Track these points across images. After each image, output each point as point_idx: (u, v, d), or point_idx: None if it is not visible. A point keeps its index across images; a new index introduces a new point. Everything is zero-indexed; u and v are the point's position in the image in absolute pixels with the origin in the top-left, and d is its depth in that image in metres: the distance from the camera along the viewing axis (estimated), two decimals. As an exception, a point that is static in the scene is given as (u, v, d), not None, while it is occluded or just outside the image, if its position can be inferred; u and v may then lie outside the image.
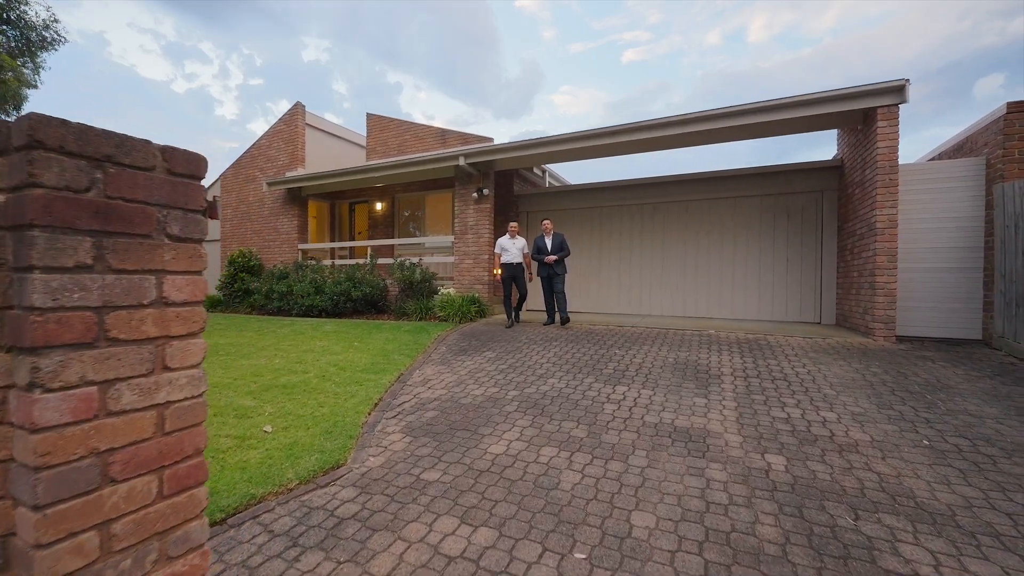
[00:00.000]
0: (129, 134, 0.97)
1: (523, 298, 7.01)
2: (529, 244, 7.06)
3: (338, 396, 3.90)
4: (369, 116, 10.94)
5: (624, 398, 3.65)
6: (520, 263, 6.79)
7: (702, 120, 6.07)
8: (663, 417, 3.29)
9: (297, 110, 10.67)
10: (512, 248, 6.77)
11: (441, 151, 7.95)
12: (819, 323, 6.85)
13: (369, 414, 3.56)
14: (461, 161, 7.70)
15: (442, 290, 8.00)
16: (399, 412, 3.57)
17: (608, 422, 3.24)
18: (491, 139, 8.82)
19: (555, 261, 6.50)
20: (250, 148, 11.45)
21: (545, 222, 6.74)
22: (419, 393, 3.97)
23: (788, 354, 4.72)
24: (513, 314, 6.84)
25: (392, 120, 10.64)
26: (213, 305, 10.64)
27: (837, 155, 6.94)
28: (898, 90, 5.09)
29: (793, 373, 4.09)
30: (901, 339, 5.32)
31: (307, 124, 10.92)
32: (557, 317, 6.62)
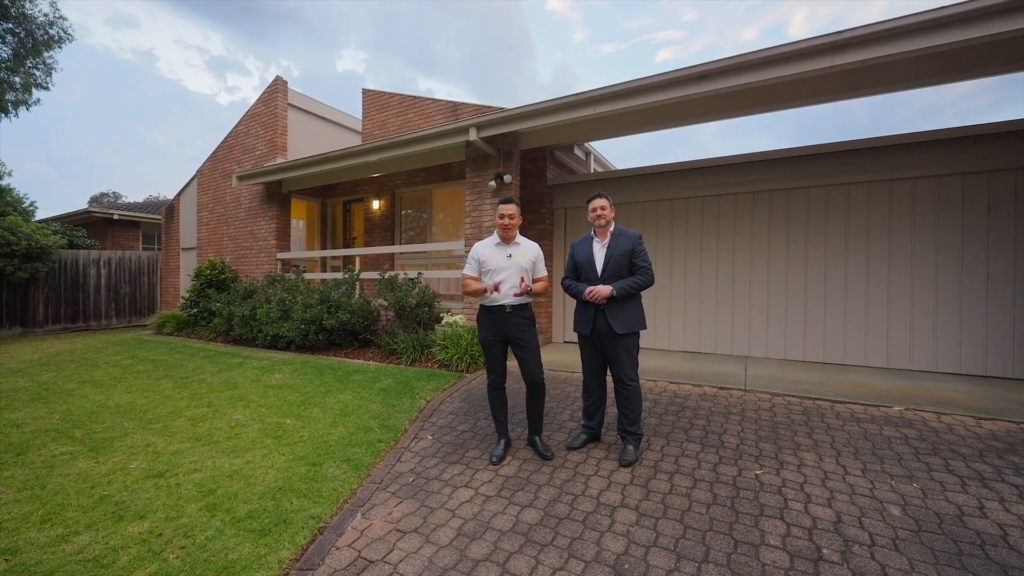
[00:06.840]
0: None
1: (535, 390, 2.85)
2: (549, 256, 3.35)
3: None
4: (365, 92, 8.77)
5: None
6: (524, 305, 2.83)
7: (884, 38, 3.47)
8: None
9: (277, 87, 8.63)
10: (510, 267, 2.81)
11: (446, 125, 5.64)
12: (1052, 382, 4.14)
13: None
14: (472, 135, 5.39)
15: (447, 317, 5.69)
16: None
17: None
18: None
19: (611, 298, 2.73)
20: (227, 136, 9.53)
21: (596, 202, 2.89)
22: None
23: None
24: (505, 438, 2.91)
25: (392, 96, 8.43)
26: (180, 327, 8.73)
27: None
28: None
29: None
30: None
31: (290, 104, 8.86)
32: (625, 447, 2.78)
